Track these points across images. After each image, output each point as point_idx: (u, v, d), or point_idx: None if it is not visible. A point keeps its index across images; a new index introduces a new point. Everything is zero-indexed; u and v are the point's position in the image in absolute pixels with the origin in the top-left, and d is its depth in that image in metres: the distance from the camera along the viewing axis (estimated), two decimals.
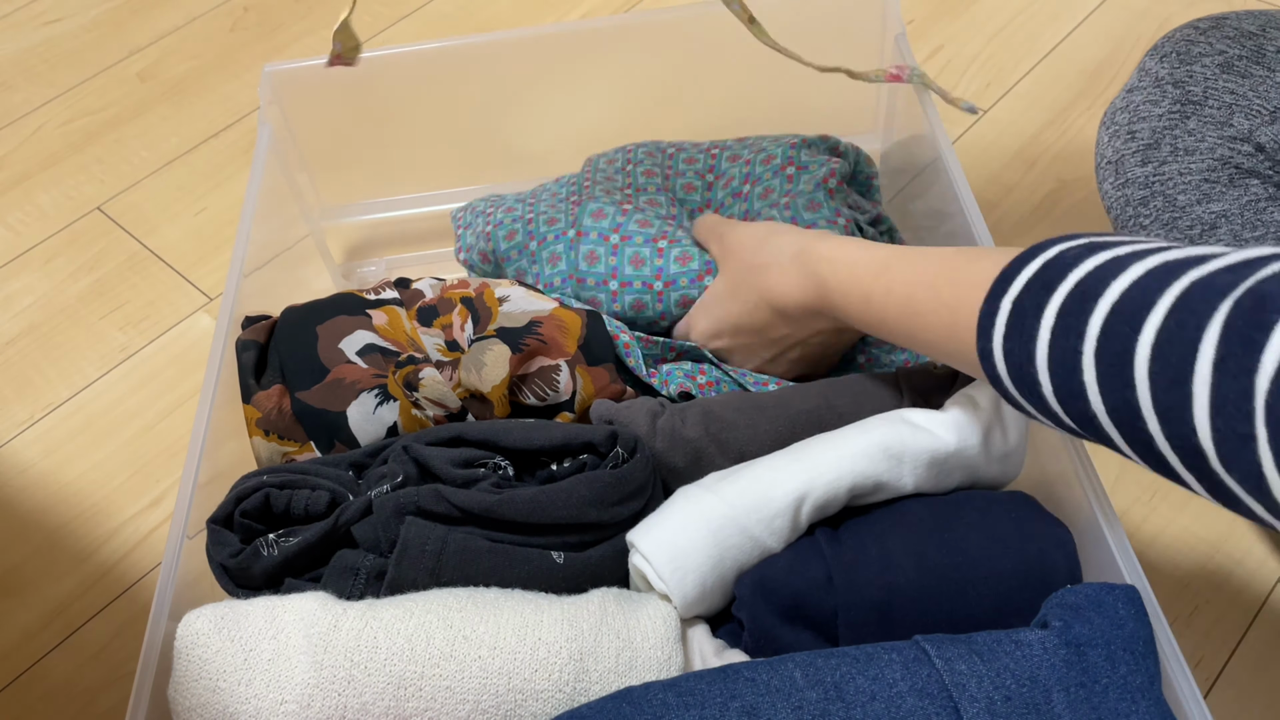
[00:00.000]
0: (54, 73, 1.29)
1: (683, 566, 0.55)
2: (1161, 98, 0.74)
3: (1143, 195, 0.74)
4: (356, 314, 0.68)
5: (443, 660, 0.51)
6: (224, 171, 1.16)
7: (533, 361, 0.66)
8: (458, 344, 0.67)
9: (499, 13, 1.31)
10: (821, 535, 0.57)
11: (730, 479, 0.58)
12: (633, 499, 0.59)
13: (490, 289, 0.70)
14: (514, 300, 0.68)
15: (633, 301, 0.74)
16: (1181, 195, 0.73)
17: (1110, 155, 0.77)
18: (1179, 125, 0.73)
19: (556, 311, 0.68)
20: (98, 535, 0.88)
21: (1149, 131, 0.74)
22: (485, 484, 0.58)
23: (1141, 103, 0.76)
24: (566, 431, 0.61)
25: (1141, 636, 0.49)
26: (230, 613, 0.53)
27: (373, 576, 0.57)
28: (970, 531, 0.56)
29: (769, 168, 0.77)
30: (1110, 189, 0.77)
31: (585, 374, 0.66)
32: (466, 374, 0.64)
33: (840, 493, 0.57)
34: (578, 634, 0.53)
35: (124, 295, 1.05)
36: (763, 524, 0.56)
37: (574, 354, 0.66)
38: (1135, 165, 0.75)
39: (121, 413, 0.96)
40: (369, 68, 0.89)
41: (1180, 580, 0.78)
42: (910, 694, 0.47)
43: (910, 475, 0.58)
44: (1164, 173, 0.73)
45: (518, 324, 0.66)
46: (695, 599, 0.56)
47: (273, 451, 0.65)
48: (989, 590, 0.54)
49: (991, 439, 0.59)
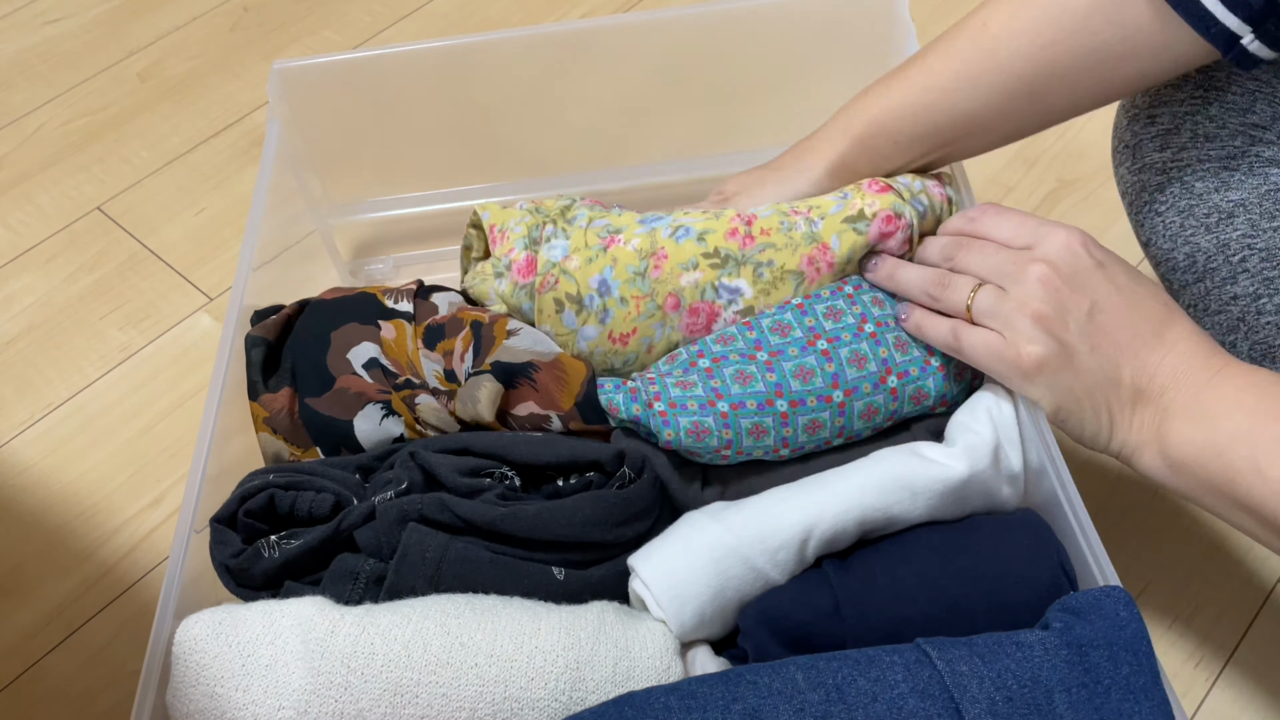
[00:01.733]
0: (54, 72, 1.29)
1: (682, 595, 0.55)
2: (1184, 82, 0.72)
3: (1159, 181, 0.72)
4: (368, 324, 0.68)
5: (439, 667, 0.51)
6: (224, 171, 1.16)
7: (523, 405, 0.63)
8: (455, 375, 0.65)
9: (499, 12, 1.31)
10: (829, 565, 0.56)
11: (736, 508, 0.57)
12: (638, 520, 0.58)
13: (505, 319, 0.67)
14: (521, 336, 0.65)
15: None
16: (1199, 182, 0.70)
17: (1128, 139, 0.75)
18: (1200, 110, 0.71)
19: (562, 358, 0.65)
20: (98, 535, 0.88)
21: (1169, 116, 0.72)
22: (491, 494, 0.58)
23: (1163, 86, 0.73)
24: (574, 448, 0.60)
25: (1142, 638, 0.49)
26: (228, 618, 0.53)
27: (372, 581, 0.57)
28: (981, 560, 0.55)
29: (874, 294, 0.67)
30: (1126, 174, 0.75)
31: (580, 431, 0.64)
32: (462, 406, 0.63)
33: (849, 526, 0.56)
34: (575, 643, 0.53)
35: (124, 295, 1.05)
36: (766, 555, 0.55)
37: (569, 410, 0.63)
38: (1153, 150, 0.73)
39: (121, 413, 0.96)
40: (377, 65, 0.89)
41: (1180, 580, 0.78)
42: (912, 695, 0.47)
43: (924, 506, 0.57)
44: (1182, 159, 0.71)
45: (515, 360, 0.64)
46: (693, 627, 0.55)
47: (279, 447, 0.65)
48: (1000, 620, 0.54)
49: (999, 462, 0.59)
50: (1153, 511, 0.81)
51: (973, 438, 0.59)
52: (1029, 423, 0.59)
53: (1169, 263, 0.74)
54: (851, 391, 0.62)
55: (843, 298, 0.66)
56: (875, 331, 0.64)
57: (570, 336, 0.68)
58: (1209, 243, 0.70)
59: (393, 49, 0.89)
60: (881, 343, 0.64)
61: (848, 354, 0.63)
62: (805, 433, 0.62)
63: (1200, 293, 0.72)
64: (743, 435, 0.61)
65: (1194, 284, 0.72)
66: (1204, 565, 0.78)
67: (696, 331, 0.68)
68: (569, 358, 0.65)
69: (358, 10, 1.33)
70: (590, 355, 0.68)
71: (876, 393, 0.63)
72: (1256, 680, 0.73)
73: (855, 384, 0.62)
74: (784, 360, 0.63)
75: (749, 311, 0.68)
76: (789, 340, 0.64)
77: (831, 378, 0.62)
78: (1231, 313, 0.70)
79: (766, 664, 0.50)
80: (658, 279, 0.67)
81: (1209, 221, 0.70)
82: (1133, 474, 0.83)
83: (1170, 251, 0.73)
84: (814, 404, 0.62)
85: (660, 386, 0.62)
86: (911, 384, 0.63)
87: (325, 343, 0.66)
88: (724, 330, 0.66)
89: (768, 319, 0.65)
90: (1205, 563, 0.78)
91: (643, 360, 0.69)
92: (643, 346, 0.68)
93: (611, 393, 0.63)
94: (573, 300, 0.67)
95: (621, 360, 0.69)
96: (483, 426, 0.64)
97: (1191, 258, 0.71)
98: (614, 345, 0.68)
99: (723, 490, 0.63)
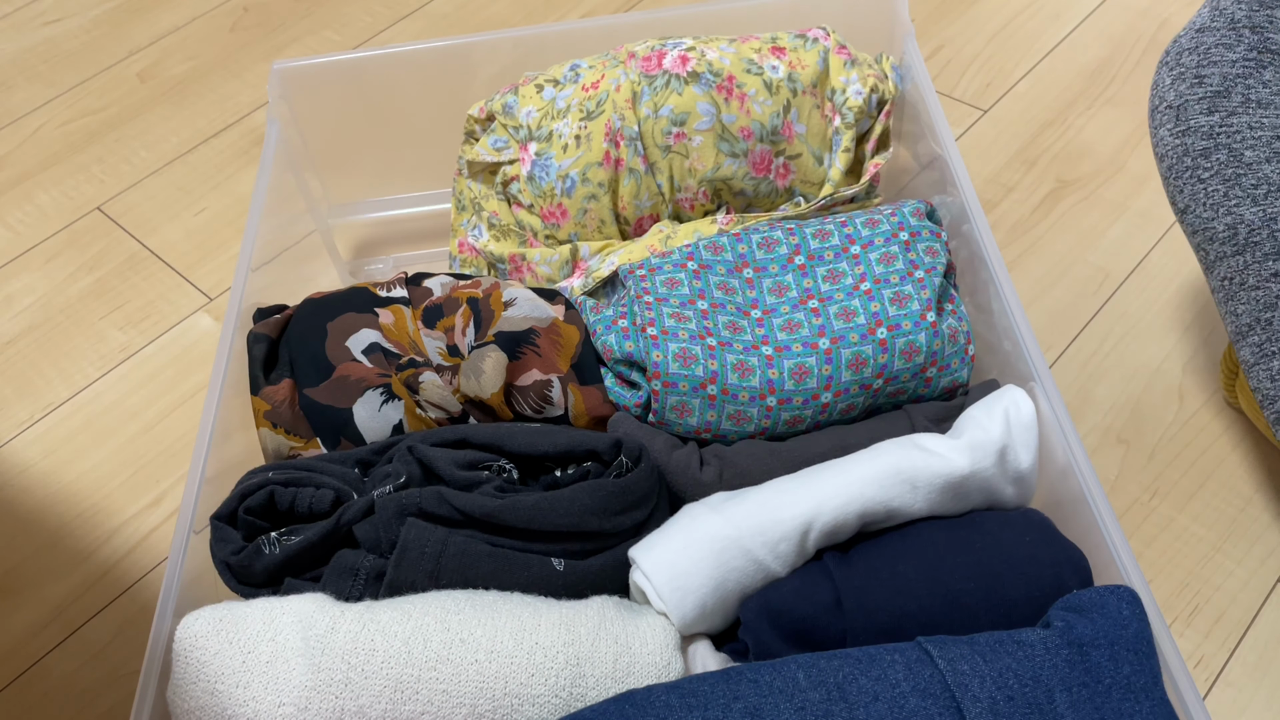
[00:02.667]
0: (54, 73, 1.29)
1: (683, 587, 0.55)
2: (1237, 42, 0.69)
3: (1204, 146, 0.69)
4: (365, 311, 0.68)
5: (440, 664, 0.51)
6: (224, 171, 1.16)
7: (527, 374, 0.65)
8: (458, 349, 0.66)
9: (498, 13, 1.31)
10: (830, 558, 0.56)
11: (737, 500, 0.57)
12: (636, 509, 0.59)
13: (499, 290, 0.69)
14: (519, 304, 0.68)
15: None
16: (1249, 150, 0.68)
17: (1171, 99, 0.71)
18: (1254, 74, 0.68)
19: (557, 323, 0.67)
20: (98, 535, 0.88)
21: (1219, 78, 0.69)
22: (489, 487, 0.58)
23: (1214, 45, 0.70)
24: (571, 438, 0.60)
25: (1144, 637, 0.49)
26: (228, 615, 0.53)
27: (372, 577, 0.57)
28: (984, 555, 0.55)
29: (877, 231, 0.70)
30: (1168, 135, 0.72)
31: (577, 392, 0.66)
32: (465, 380, 0.64)
33: (850, 518, 0.56)
34: (575, 639, 0.53)
35: (124, 295, 1.05)
36: (767, 548, 0.55)
37: (566, 371, 0.65)
38: (1200, 113, 0.69)
39: (121, 413, 0.96)
40: (377, 66, 0.89)
41: (1180, 580, 0.78)
42: (913, 694, 0.47)
43: (924, 500, 0.57)
44: (1232, 124, 0.68)
45: (517, 328, 0.66)
46: (694, 619, 0.55)
47: (279, 443, 0.65)
48: (1002, 616, 0.54)
49: (1005, 461, 0.58)
50: (1152, 511, 0.81)
51: (980, 434, 0.58)
52: (1053, 422, 0.59)
53: (1207, 232, 0.71)
54: (838, 340, 0.65)
55: (847, 259, 0.69)
56: (871, 289, 0.67)
57: (549, 104, 0.78)
58: (1254, 215, 0.67)
59: (393, 49, 0.89)
60: (875, 298, 0.66)
61: (836, 309, 0.66)
62: (792, 379, 0.64)
63: (1238, 266, 0.69)
64: (728, 370, 0.63)
65: (1232, 256, 0.69)
66: (1203, 566, 0.78)
67: (652, 69, 0.77)
68: (562, 322, 0.68)
69: (358, 10, 1.33)
70: (568, 110, 0.78)
71: (864, 343, 0.65)
72: (1257, 680, 0.73)
73: (842, 334, 0.65)
74: (775, 317, 0.67)
75: (693, 49, 0.78)
76: (783, 299, 0.68)
77: (818, 328, 0.66)
78: (1271, 289, 0.67)
79: (767, 662, 0.50)
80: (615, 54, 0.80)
81: (1256, 193, 0.67)
82: (1132, 473, 0.83)
83: (1210, 221, 0.70)
84: (799, 350, 0.65)
85: (656, 314, 0.66)
86: (902, 337, 0.65)
87: (322, 333, 0.67)
88: (727, 279, 0.69)
89: (769, 280, 0.69)
90: (1205, 563, 0.78)
91: (612, 97, 0.77)
92: (611, 85, 0.77)
93: (604, 335, 0.67)
94: (550, 80, 0.80)
95: (595, 102, 0.77)
96: (484, 406, 0.64)
97: (1233, 229, 0.68)
98: (587, 93, 0.78)
99: (720, 475, 0.63)
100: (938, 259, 0.68)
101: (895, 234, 0.69)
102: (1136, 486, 0.83)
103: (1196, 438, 0.85)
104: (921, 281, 0.67)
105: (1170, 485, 0.83)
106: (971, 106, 1.12)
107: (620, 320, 0.67)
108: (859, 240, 0.70)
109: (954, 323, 0.67)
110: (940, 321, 0.66)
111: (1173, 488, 0.82)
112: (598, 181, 0.77)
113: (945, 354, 0.66)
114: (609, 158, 0.77)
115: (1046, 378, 0.63)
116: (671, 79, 0.76)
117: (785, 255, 0.70)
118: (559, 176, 0.78)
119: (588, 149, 0.77)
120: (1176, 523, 0.81)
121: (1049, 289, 0.96)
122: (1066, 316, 0.93)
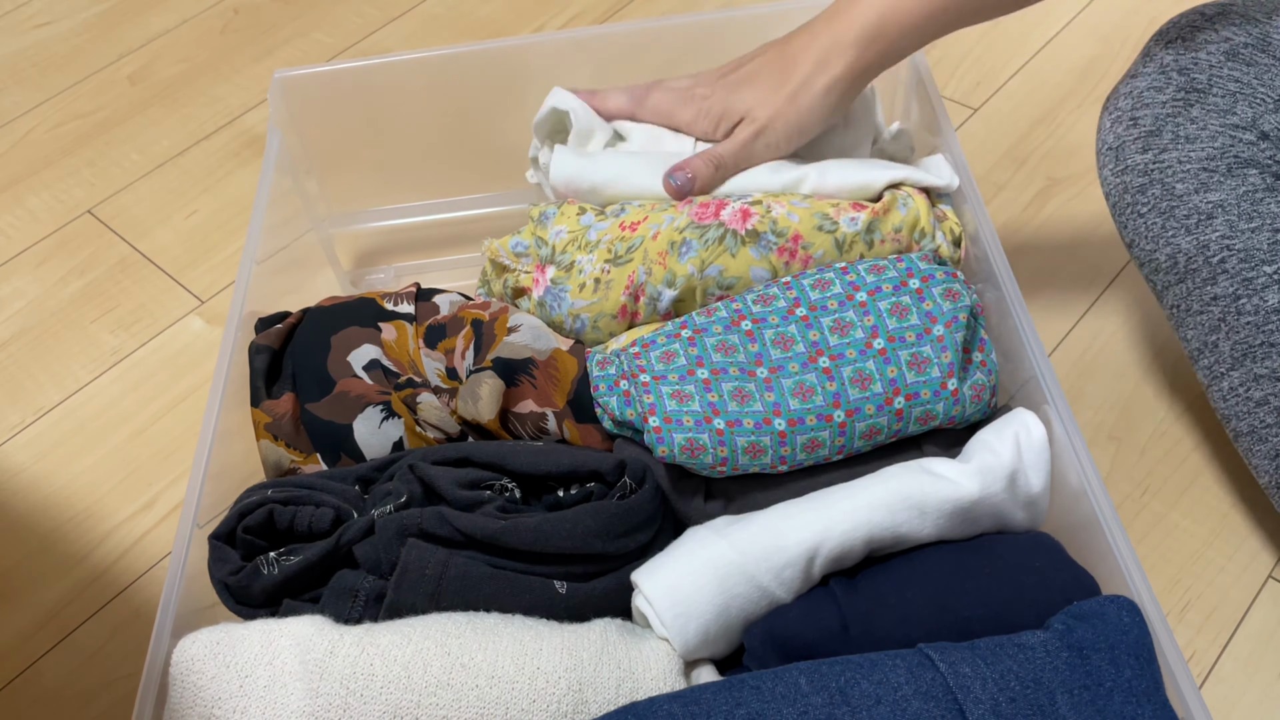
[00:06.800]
0: (44, 76, 1.29)
1: (686, 613, 0.54)
2: (1166, 84, 0.73)
3: (1141, 183, 0.73)
4: (368, 326, 0.68)
5: (440, 689, 0.50)
6: (215, 174, 1.16)
7: (523, 403, 0.64)
8: (456, 373, 0.65)
9: (490, 14, 1.31)
10: (836, 584, 0.55)
11: (741, 524, 0.56)
12: (639, 531, 0.58)
13: (506, 315, 0.67)
14: (523, 331, 0.66)
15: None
16: (1180, 184, 0.72)
17: (1111, 141, 0.76)
18: (1182, 113, 0.72)
19: (557, 354, 0.65)
20: (91, 539, 0.88)
21: (1151, 118, 0.73)
22: (491, 506, 0.57)
23: (1146, 89, 0.74)
24: (575, 457, 0.59)
25: (1145, 644, 0.49)
26: (226, 637, 0.52)
27: (372, 599, 0.56)
28: (992, 582, 0.54)
29: (883, 277, 0.65)
30: (1110, 175, 0.76)
31: (574, 429, 0.64)
32: (463, 404, 0.63)
33: (856, 544, 0.55)
34: (577, 664, 0.52)
35: (115, 298, 1.05)
36: (772, 574, 0.54)
37: (562, 408, 0.63)
38: (1135, 152, 0.74)
39: (113, 416, 0.96)
40: (377, 75, 0.89)
41: (1171, 576, 0.78)
42: (915, 697, 0.47)
43: (932, 525, 0.56)
44: (1164, 160, 0.72)
45: (515, 356, 0.64)
46: (697, 645, 0.54)
47: (280, 456, 0.65)
48: None
49: (1016, 485, 0.58)
50: (1144, 508, 0.81)
51: (990, 458, 0.57)
52: (1066, 445, 0.58)
53: (1152, 264, 0.74)
54: (853, 412, 0.60)
55: (854, 307, 0.63)
56: (885, 348, 0.61)
57: (582, 231, 0.73)
58: (1189, 244, 0.71)
59: (392, 58, 0.89)
60: (891, 360, 0.61)
61: (850, 373, 0.61)
62: (804, 451, 0.60)
63: (1182, 294, 0.73)
64: (738, 453, 0.59)
65: (1176, 285, 0.73)
66: (1195, 562, 0.79)
67: (706, 218, 0.69)
68: (563, 354, 0.65)
69: (348, 12, 1.33)
70: (598, 244, 0.72)
71: (880, 414, 0.60)
72: (1247, 677, 0.73)
73: (858, 405, 0.60)
74: (784, 377, 0.61)
75: (759, 204, 0.69)
76: (790, 355, 0.62)
77: (833, 397, 0.60)
78: (1213, 313, 0.71)
79: (769, 670, 0.49)
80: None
81: (1189, 223, 0.71)
82: (1124, 469, 0.83)
83: (1153, 253, 0.74)
84: (813, 423, 0.60)
85: (655, 396, 0.60)
86: (920, 406, 0.61)
87: (326, 347, 0.66)
88: (725, 337, 0.63)
89: (770, 331, 0.63)
90: (1196, 559, 0.79)
91: (646, 245, 0.70)
92: (649, 231, 0.70)
93: (605, 395, 0.63)
94: (595, 210, 0.75)
95: (626, 246, 0.71)
96: (482, 428, 0.63)
97: (1173, 259, 0.72)
98: (623, 233, 0.71)
99: (726, 503, 0.62)
100: (959, 304, 0.62)
101: (904, 281, 0.64)
102: (1128, 483, 0.83)
103: (1187, 434, 0.85)
104: (942, 341, 0.61)
105: (1161, 482, 0.83)
106: (962, 105, 1.13)
107: (622, 381, 0.63)
108: (864, 287, 0.64)
109: (981, 377, 0.62)
110: (963, 385, 0.61)
111: (1164, 484, 0.83)
112: (609, 331, 0.72)
113: (965, 415, 0.62)
114: (625, 312, 0.70)
115: (1060, 400, 0.60)
116: (727, 235, 0.68)
117: (784, 308, 0.64)
118: (570, 314, 0.71)
119: (605, 298, 0.70)
120: (1168, 519, 0.81)
121: (1040, 287, 0.96)
122: (1057, 314, 0.94)
